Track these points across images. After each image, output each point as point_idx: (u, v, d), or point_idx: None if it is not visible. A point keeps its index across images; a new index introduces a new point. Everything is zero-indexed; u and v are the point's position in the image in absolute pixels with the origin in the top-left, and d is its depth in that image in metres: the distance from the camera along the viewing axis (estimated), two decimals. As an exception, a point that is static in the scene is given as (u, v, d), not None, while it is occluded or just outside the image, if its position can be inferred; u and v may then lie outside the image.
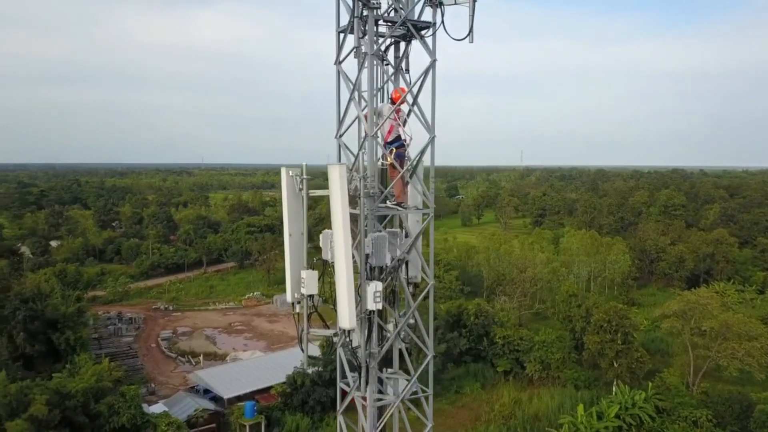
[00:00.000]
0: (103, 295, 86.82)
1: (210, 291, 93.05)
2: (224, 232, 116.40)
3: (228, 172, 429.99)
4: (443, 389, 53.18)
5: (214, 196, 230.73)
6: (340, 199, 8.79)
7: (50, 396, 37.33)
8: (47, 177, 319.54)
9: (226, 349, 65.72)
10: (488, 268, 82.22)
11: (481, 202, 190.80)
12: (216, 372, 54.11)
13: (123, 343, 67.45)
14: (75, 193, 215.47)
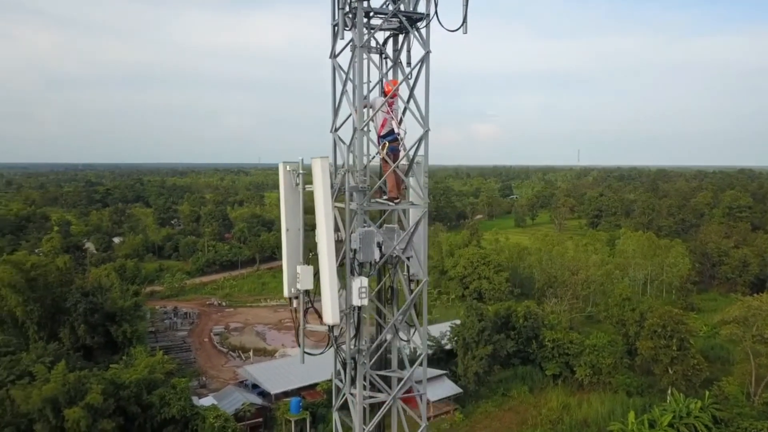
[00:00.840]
0: (161, 290, 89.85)
1: (262, 288, 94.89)
2: (277, 230, 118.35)
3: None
4: (490, 391, 52.54)
5: (270, 195, 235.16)
6: (322, 193, 8.78)
7: (106, 386, 38.83)
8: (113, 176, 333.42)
9: (276, 345, 66.81)
10: (540, 269, 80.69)
11: (535, 202, 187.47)
12: (264, 367, 55.08)
13: (178, 337, 69.55)
14: (138, 192, 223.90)
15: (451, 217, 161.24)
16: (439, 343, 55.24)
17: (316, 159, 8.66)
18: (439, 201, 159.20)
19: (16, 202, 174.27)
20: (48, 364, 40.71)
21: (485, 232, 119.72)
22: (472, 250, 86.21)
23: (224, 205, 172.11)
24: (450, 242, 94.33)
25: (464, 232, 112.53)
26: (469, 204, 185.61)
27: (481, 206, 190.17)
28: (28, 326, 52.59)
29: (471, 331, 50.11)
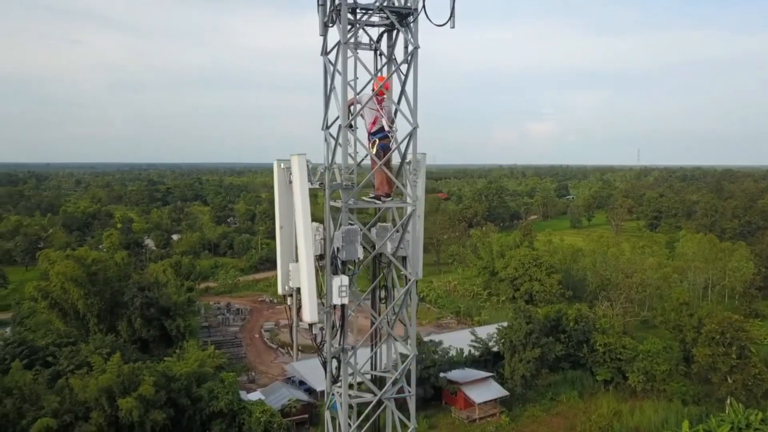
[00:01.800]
0: (215, 286, 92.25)
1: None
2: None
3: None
4: (537, 395, 51.58)
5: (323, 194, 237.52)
6: (300, 190, 8.76)
7: (157, 378, 40.16)
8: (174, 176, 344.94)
9: (324, 342, 67.46)
10: (593, 272, 78.59)
11: (592, 202, 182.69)
12: (311, 364, 55.60)
13: (229, 333, 71.24)
14: (197, 191, 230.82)
15: (504, 217, 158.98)
16: (486, 345, 54.56)
17: (294, 156, 8.68)
18: (492, 201, 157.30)
19: (84, 200, 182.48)
20: (105, 355, 42.46)
21: (539, 232, 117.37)
22: (524, 251, 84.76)
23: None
24: (501, 243, 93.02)
25: (516, 233, 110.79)
26: (524, 204, 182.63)
27: (535, 206, 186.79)
28: (89, 318, 54.98)
29: (518, 333, 49.27)
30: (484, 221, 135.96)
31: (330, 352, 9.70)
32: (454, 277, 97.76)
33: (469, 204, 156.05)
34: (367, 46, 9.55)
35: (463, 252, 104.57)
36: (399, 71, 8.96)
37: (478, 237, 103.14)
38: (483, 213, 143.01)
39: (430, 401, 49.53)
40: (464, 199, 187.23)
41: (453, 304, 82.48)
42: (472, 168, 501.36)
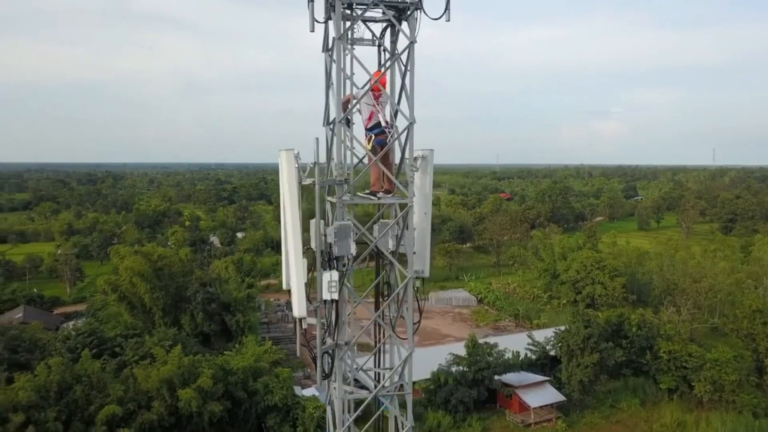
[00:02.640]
0: (276, 283, 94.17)
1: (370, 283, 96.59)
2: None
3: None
4: (596, 402, 50.02)
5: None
6: (287, 185, 8.75)
7: (216, 371, 41.43)
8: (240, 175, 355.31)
9: (379, 341, 67.75)
10: (660, 276, 75.47)
11: (662, 204, 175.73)
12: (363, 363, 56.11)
13: (288, 329, 72.55)
14: (261, 190, 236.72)
15: (569, 218, 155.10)
16: (543, 348, 53.41)
17: (282, 151, 8.71)
18: (556, 202, 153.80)
19: (156, 199, 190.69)
20: (167, 347, 44.15)
21: (604, 234, 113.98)
22: (587, 253, 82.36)
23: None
24: (563, 245, 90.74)
25: (579, 234, 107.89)
26: (589, 205, 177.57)
27: (601, 207, 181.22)
28: (155, 312, 57.33)
29: (576, 337, 47.96)
30: (547, 222, 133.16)
31: (320, 347, 9.71)
32: (514, 279, 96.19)
33: (532, 204, 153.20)
34: (370, 42, 9.50)
35: (524, 253, 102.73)
36: (398, 67, 8.87)
37: (540, 238, 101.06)
38: (546, 214, 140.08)
39: (485, 404, 48.91)
40: (527, 199, 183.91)
41: (512, 307, 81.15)
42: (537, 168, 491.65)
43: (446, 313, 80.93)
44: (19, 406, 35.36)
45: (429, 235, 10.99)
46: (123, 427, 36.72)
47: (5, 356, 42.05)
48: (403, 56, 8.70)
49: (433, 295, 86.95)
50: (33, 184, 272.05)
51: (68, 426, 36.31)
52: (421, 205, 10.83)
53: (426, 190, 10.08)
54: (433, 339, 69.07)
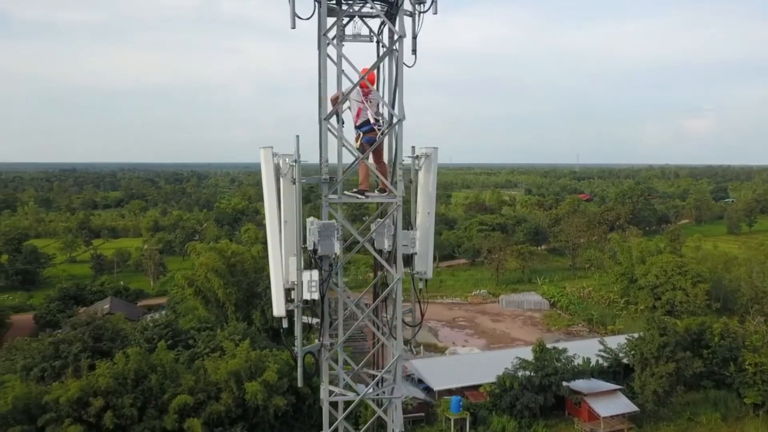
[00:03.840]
0: (347, 281, 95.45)
1: (439, 285, 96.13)
2: (458, 229, 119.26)
3: (473, 171, 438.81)
4: (672, 414, 47.54)
5: (457, 194, 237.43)
6: (266, 183, 8.69)
7: (281, 365, 42.43)
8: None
9: (446, 342, 67.36)
10: (748, 283, 70.79)
11: (755, 206, 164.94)
12: (430, 363, 55.91)
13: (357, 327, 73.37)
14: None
15: (651, 221, 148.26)
16: (615, 355, 51.32)
17: (261, 149, 8.67)
18: (637, 203, 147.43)
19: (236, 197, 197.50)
20: (237, 341, 45.64)
21: (688, 238, 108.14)
22: (667, 257, 78.43)
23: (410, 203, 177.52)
24: (641, 248, 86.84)
25: (660, 238, 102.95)
26: (673, 207, 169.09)
27: (687, 210, 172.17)
28: (228, 307, 59.38)
29: (650, 345, 45.75)
30: (626, 224, 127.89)
31: (300, 348, 9.63)
32: (590, 282, 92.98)
33: (611, 206, 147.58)
34: (367, 38, 9.36)
35: (600, 257, 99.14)
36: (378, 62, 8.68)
37: (617, 241, 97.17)
38: (626, 216, 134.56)
39: (552, 410, 47.58)
40: (607, 200, 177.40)
41: (586, 311, 78.48)
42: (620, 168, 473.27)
43: (517, 316, 79.32)
44: (99, 391, 37.54)
45: (432, 236, 10.75)
46: (193, 416, 38.25)
47: (89, 344, 44.68)
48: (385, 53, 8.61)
49: (503, 298, 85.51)
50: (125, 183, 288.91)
51: (143, 412, 38.22)
52: (424, 205, 10.62)
53: (429, 189, 9.86)
54: (502, 342, 67.93)
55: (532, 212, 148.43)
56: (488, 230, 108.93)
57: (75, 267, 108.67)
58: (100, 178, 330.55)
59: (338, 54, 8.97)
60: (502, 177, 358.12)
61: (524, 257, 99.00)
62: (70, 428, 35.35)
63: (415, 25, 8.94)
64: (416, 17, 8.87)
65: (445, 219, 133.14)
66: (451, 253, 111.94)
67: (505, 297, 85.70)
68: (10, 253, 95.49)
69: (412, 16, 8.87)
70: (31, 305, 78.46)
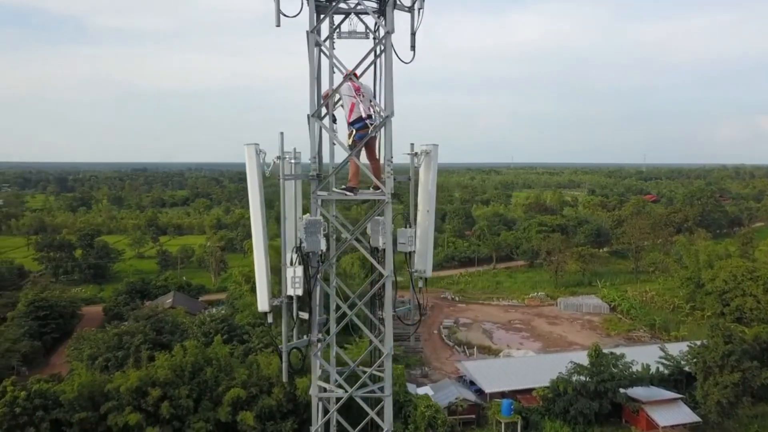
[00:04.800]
0: (401, 280, 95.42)
1: (496, 286, 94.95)
2: (516, 230, 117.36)
3: (535, 171, 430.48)
4: (739, 426, 45.27)
5: (518, 194, 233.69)
6: (250, 180, 8.70)
7: (332, 363, 42.95)
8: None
9: (501, 345, 66.42)
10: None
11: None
12: (483, 365, 55.28)
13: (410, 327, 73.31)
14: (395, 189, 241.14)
15: (721, 223, 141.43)
16: (677, 363, 49.26)
17: (245, 146, 8.68)
18: (706, 204, 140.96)
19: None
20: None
21: (761, 242, 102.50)
22: (737, 261, 74.67)
23: (470, 203, 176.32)
24: (710, 251, 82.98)
25: (729, 241, 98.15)
26: (746, 209, 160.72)
27: (762, 212, 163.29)
28: (282, 303, 60.52)
29: (714, 353, 43.65)
30: (695, 227, 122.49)
31: (285, 344, 9.59)
32: (653, 287, 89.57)
33: (678, 207, 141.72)
34: (363, 35, 9.26)
35: (665, 260, 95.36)
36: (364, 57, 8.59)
37: (683, 244, 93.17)
38: (695, 218, 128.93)
39: (608, 417, 46.15)
40: (675, 201, 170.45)
41: (648, 317, 75.64)
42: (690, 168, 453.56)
43: (575, 320, 77.33)
44: (158, 382, 39.04)
45: (431, 234, 10.57)
46: (245, 409, 39.22)
47: (150, 336, 46.58)
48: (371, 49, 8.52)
49: (561, 301, 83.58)
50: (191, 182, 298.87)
51: (198, 403, 39.50)
52: (423, 203, 10.47)
53: (429, 187, 9.70)
54: (558, 346, 66.41)
55: (595, 213, 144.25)
56: (548, 231, 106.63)
57: (142, 262, 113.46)
58: (168, 178, 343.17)
59: (329, 51, 8.98)
60: (564, 177, 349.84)
61: (584, 259, 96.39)
62: (130, 416, 36.95)
63: (414, 21, 8.86)
64: (415, 13, 8.79)
65: (504, 219, 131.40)
66: (509, 255, 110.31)
67: (564, 300, 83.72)
68: (84, 248, 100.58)
69: (411, 11, 8.82)
70: (101, 298, 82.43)
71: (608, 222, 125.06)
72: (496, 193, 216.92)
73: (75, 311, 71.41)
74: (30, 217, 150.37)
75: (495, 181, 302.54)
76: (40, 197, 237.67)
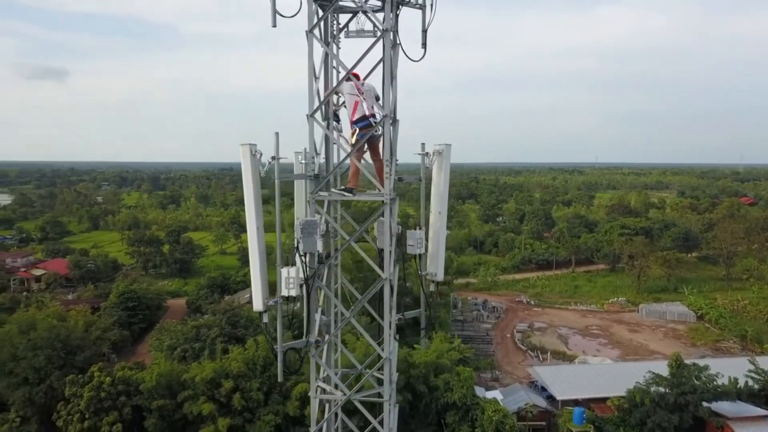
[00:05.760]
0: (475, 282, 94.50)
1: (574, 290, 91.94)
2: (597, 233, 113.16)
3: (621, 171, 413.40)
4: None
5: (601, 195, 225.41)
6: (245, 180, 8.58)
7: (399, 363, 42.96)
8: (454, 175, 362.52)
9: (576, 351, 64.24)
10: None
11: None
12: (555, 371, 53.62)
13: (482, 329, 72.37)
14: (471, 189, 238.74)
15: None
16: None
17: (241, 146, 8.56)
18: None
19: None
20: (358, 335, 46.87)
21: None
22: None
23: (550, 204, 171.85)
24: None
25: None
26: None
27: None
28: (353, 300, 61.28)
29: (810, 369, 40.30)
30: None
31: (281, 344, 9.46)
32: (746, 295, 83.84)
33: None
34: (371, 34, 8.98)
35: (761, 267, 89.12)
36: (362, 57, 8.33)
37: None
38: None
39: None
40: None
41: (739, 327, 70.87)
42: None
43: (657, 327, 73.63)
44: (231, 374, 40.45)
45: (443, 236, 10.22)
46: (312, 404, 39.98)
47: (226, 330, 48.32)
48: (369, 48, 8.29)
49: (643, 307, 79.84)
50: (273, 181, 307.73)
51: (268, 397, 40.60)
52: (435, 204, 10.13)
53: (441, 188, 9.35)
54: (638, 354, 63.48)
55: (684, 216, 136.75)
56: (631, 234, 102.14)
57: (224, 258, 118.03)
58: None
59: (330, 50, 8.90)
60: (652, 178, 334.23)
61: (670, 264, 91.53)
62: (203, 405, 38.52)
63: (425, 19, 8.60)
64: (427, 10, 8.54)
65: (585, 221, 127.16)
66: (589, 258, 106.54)
67: (646, 306, 79.89)
68: (171, 244, 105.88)
69: (422, 8, 8.57)
70: (185, 291, 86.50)
71: (698, 225, 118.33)
72: (578, 193, 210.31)
73: (161, 303, 75.29)
74: (125, 214, 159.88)
75: (578, 182, 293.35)
76: (135, 195, 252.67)
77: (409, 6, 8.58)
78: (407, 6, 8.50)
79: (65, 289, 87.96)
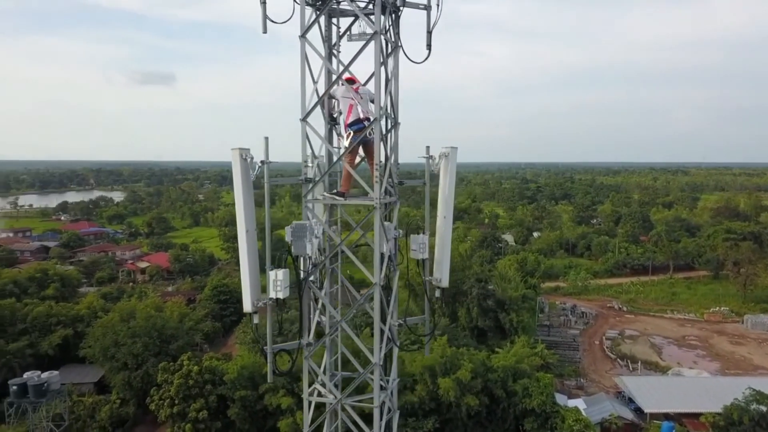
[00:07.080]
0: (565, 286, 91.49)
1: (671, 298, 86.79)
2: (699, 237, 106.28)
3: (730, 172, 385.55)
4: None
5: (707, 197, 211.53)
6: (236, 183, 8.48)
7: (476, 366, 42.43)
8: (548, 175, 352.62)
9: (670, 362, 60.65)
10: None
11: None
12: (645, 382, 50.94)
13: (569, 335, 69.93)
14: (566, 190, 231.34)
15: None
16: None
17: (234, 149, 8.47)
18: None
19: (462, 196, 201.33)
20: (436, 336, 46.77)
21: None
22: None
23: (650, 206, 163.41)
24: None
25: None
26: None
27: None
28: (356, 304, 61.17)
29: None
30: None
31: (270, 345, 9.33)
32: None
33: None
34: (368, 37, 8.72)
35: None
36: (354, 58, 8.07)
37: None
38: None
39: None
40: None
41: None
42: None
43: (765, 341, 68.14)
44: (309, 369, 41.57)
45: (449, 241, 9.77)
46: (388, 403, 40.27)
47: (308, 325, 49.66)
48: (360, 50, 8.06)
49: (749, 318, 74.13)
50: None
51: (345, 393, 41.33)
52: (440, 209, 9.72)
53: (446, 191, 8.98)
54: (740, 369, 59.07)
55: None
56: (737, 239, 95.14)
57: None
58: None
59: (325, 53, 8.81)
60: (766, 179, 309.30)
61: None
62: (282, 399, 39.78)
63: (430, 20, 8.34)
64: (431, 11, 8.29)
65: (686, 225, 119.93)
66: (689, 264, 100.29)
67: (752, 317, 74.10)
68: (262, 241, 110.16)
69: (427, 9, 8.32)
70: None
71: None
72: (680, 195, 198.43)
73: (251, 297, 78.45)
74: (223, 211, 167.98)
75: (681, 183, 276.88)
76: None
77: (412, 7, 8.46)
78: (411, 7, 8.39)
79: (166, 281, 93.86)
